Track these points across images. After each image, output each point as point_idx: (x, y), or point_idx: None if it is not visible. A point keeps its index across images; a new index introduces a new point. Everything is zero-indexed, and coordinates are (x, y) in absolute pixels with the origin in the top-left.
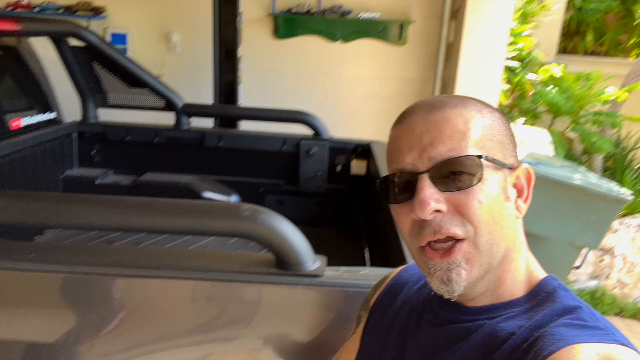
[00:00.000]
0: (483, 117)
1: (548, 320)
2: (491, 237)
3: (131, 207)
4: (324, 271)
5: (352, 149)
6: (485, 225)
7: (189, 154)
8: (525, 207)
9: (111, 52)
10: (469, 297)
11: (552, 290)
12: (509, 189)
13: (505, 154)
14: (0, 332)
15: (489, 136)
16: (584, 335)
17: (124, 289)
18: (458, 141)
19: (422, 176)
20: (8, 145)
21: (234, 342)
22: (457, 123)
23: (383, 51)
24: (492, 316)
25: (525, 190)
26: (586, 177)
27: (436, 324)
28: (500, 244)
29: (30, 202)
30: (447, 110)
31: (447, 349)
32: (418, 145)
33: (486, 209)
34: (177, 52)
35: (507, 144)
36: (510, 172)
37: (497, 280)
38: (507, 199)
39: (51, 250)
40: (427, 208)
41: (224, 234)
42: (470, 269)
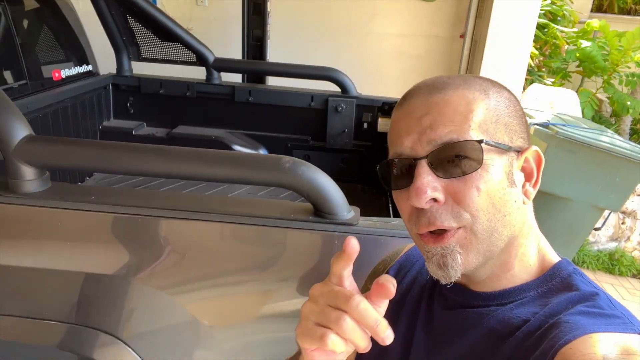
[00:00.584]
0: (488, 98)
1: (563, 307)
2: (491, 224)
3: (183, 157)
4: (358, 220)
5: (379, 106)
6: (484, 214)
7: (219, 108)
8: (534, 192)
9: (145, 6)
10: (474, 280)
11: (567, 276)
12: (514, 174)
13: (512, 137)
14: (68, 264)
15: (494, 118)
16: (601, 324)
17: (176, 230)
18: (459, 124)
19: (420, 162)
20: (52, 95)
21: (272, 283)
22: (458, 105)
23: (412, 7)
24: (504, 302)
25: (534, 173)
26: (613, 140)
27: (447, 307)
28: (502, 232)
29: (102, 149)
30: (449, 91)
31: (458, 334)
32: (417, 128)
33: (485, 196)
34: (205, 6)
35: (515, 125)
36: (518, 155)
37: (502, 265)
38: (511, 184)
39: (107, 194)
40: (422, 197)
41: (266, 184)
42: (466, 254)
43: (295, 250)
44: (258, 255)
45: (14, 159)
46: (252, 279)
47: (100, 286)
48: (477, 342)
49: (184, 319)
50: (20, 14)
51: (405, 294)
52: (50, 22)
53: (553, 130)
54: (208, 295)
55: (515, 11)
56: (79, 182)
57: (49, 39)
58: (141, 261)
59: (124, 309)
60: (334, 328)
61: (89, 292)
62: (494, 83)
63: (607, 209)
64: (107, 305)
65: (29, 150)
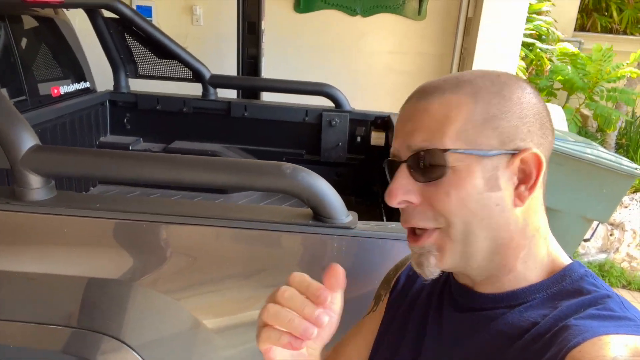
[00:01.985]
0: (475, 101)
1: (573, 310)
2: (466, 227)
3: (186, 164)
4: (356, 224)
5: (372, 120)
6: (457, 218)
7: (215, 124)
8: (528, 195)
9: (142, 24)
10: (476, 281)
11: (578, 278)
12: (500, 178)
13: (504, 140)
14: (73, 269)
15: (478, 122)
16: (612, 326)
17: (179, 235)
18: (433, 132)
19: (402, 165)
20: (51, 111)
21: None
22: (437, 112)
23: (402, 26)
24: (513, 304)
25: (533, 176)
26: (599, 152)
27: (456, 310)
28: (479, 234)
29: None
30: (435, 97)
31: (467, 336)
32: (402, 133)
33: (456, 200)
34: (200, 25)
35: (511, 127)
36: (512, 157)
37: (500, 267)
38: (491, 188)
39: (111, 201)
40: (393, 199)
41: (268, 190)
42: (442, 256)
43: (296, 254)
44: (260, 259)
45: (21, 167)
46: (254, 282)
47: (105, 291)
48: (486, 344)
49: (187, 322)
50: (20, 32)
51: (415, 298)
52: (49, 40)
53: None
54: (211, 299)
55: (501, 29)
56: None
57: (48, 56)
58: (145, 266)
59: (128, 312)
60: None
61: (94, 296)
62: (496, 81)
63: (596, 220)
64: (111, 309)
65: (36, 159)
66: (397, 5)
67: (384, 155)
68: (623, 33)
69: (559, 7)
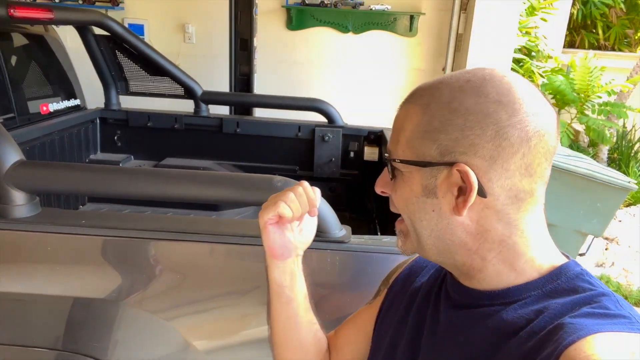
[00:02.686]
0: (424, 112)
1: (569, 308)
2: (412, 223)
3: (174, 178)
4: (350, 238)
5: (365, 135)
6: (404, 212)
7: (207, 140)
8: (463, 206)
9: (134, 41)
10: (457, 276)
11: (573, 276)
12: (438, 187)
13: (443, 151)
14: (57, 288)
15: (421, 134)
16: (606, 324)
17: (168, 251)
18: (393, 140)
19: (389, 162)
20: (40, 128)
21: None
22: (397, 121)
23: (393, 43)
24: (508, 301)
25: (466, 190)
26: (592, 166)
27: (453, 307)
28: (423, 232)
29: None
30: (405, 105)
31: (463, 333)
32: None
33: (400, 199)
34: (192, 43)
35: (448, 140)
36: (448, 168)
37: (467, 265)
38: (428, 195)
39: (97, 217)
40: (376, 188)
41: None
42: (404, 241)
43: None
44: (251, 276)
45: (4, 183)
46: (246, 300)
47: (90, 311)
48: (481, 340)
49: (176, 343)
50: (10, 49)
51: (414, 297)
52: (39, 57)
53: None
54: (201, 319)
55: (492, 45)
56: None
57: (38, 74)
58: (132, 284)
59: (115, 334)
60: (282, 198)
61: (79, 317)
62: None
63: (590, 234)
64: (97, 331)
65: (20, 174)
66: (388, 23)
67: (378, 171)
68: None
69: (548, 25)
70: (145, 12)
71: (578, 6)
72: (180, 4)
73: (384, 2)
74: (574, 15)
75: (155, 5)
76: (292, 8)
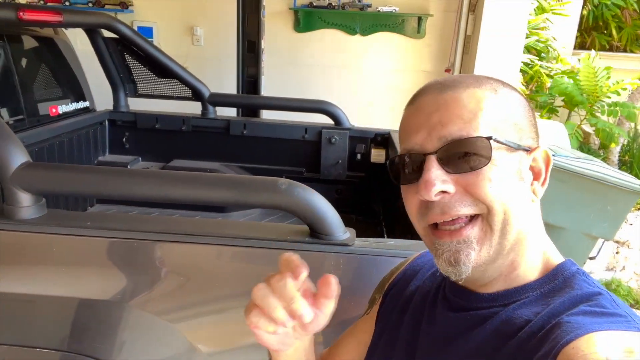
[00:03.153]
0: (498, 97)
1: (566, 307)
2: (505, 216)
3: (180, 180)
4: (354, 241)
5: (371, 137)
6: (499, 204)
7: (214, 142)
8: (542, 191)
9: (142, 44)
10: (481, 282)
11: (570, 276)
12: (523, 171)
13: (522, 136)
14: (63, 290)
15: (503, 117)
16: (603, 322)
17: (172, 253)
18: (468, 121)
19: (429, 157)
20: (49, 130)
21: None
22: (468, 102)
23: (401, 44)
24: (507, 303)
25: (542, 173)
26: (602, 169)
27: (450, 310)
28: (514, 225)
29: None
30: (459, 89)
31: (462, 336)
32: (427, 124)
33: (498, 187)
34: (201, 45)
35: (524, 125)
36: (527, 154)
37: (510, 264)
38: (521, 180)
39: (103, 219)
40: (432, 189)
41: (263, 206)
42: (480, 249)
43: None
44: (255, 277)
45: (10, 185)
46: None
47: (95, 312)
48: (480, 343)
49: (180, 346)
50: (20, 52)
51: (408, 301)
52: (49, 60)
53: None
54: (205, 321)
55: (500, 46)
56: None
57: (47, 76)
58: (137, 286)
59: (119, 335)
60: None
61: (83, 318)
62: (505, 83)
63: (601, 238)
64: (101, 332)
65: (26, 176)
66: (396, 24)
67: (385, 173)
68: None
69: (559, 27)
70: (154, 14)
71: (589, 7)
72: (189, 7)
73: (392, 3)
74: (585, 17)
75: (164, 8)
76: (299, 10)
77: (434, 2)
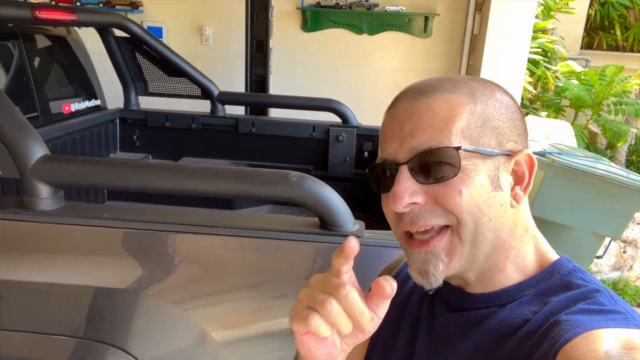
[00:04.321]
0: (474, 102)
1: (564, 305)
2: (477, 227)
3: (193, 172)
4: (364, 233)
5: (379, 135)
6: (469, 216)
7: (223, 140)
8: (524, 196)
9: (153, 43)
10: (466, 281)
11: (567, 273)
12: (501, 178)
13: (501, 140)
14: (80, 279)
15: (479, 122)
16: (602, 320)
17: (186, 244)
18: (439, 130)
19: (401, 167)
20: (62, 127)
21: (279, 295)
22: (440, 111)
23: (408, 43)
24: (503, 302)
25: (526, 177)
26: (609, 168)
27: (448, 310)
28: (487, 236)
29: None
30: (434, 96)
31: (460, 336)
32: (399, 134)
33: (469, 199)
34: (209, 45)
35: (505, 129)
36: (508, 158)
37: (492, 267)
38: (495, 188)
39: (119, 211)
40: (399, 202)
41: (274, 198)
42: (449, 261)
43: (303, 262)
44: (267, 268)
45: (30, 177)
46: (261, 293)
47: (111, 300)
48: (478, 343)
49: (194, 334)
50: (33, 50)
51: (407, 299)
52: (62, 59)
53: (549, 159)
54: (218, 310)
55: (507, 46)
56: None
57: (60, 74)
58: (152, 275)
59: (134, 323)
60: (320, 310)
61: (100, 306)
62: (486, 84)
63: (608, 236)
64: (117, 320)
65: (45, 168)
66: (403, 24)
67: None
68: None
69: (566, 26)
70: (163, 15)
71: (596, 7)
72: (198, 7)
73: (399, 3)
74: (592, 16)
75: (174, 9)
76: (307, 10)
77: (440, 2)
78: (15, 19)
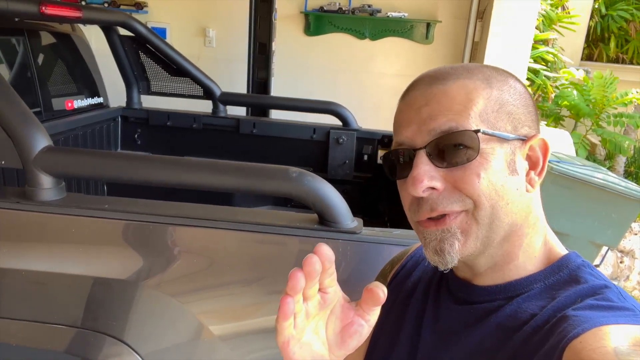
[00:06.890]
0: (490, 87)
1: (572, 300)
2: (493, 211)
3: (194, 166)
4: (362, 229)
5: (378, 139)
6: (486, 199)
7: (224, 140)
8: (538, 180)
9: (157, 42)
10: (477, 272)
11: (575, 268)
12: (517, 163)
13: (516, 125)
14: (80, 269)
15: (495, 107)
16: (611, 316)
17: (186, 237)
18: (457, 113)
19: (419, 152)
20: (64, 123)
21: (277, 290)
22: (457, 95)
23: (410, 49)
24: (511, 295)
25: (540, 162)
26: (607, 177)
27: (454, 303)
28: (504, 219)
29: None
30: (449, 82)
31: (466, 330)
32: (417, 119)
33: (487, 182)
34: (213, 47)
35: (520, 114)
36: (523, 143)
37: (505, 255)
38: (512, 172)
39: (120, 202)
40: (419, 186)
41: (274, 194)
42: (465, 240)
43: (301, 258)
44: (265, 263)
45: (32, 167)
46: (259, 287)
47: (110, 291)
48: (485, 337)
49: (191, 326)
50: (38, 46)
51: (411, 293)
52: (65, 55)
53: (548, 167)
54: (216, 304)
55: (507, 54)
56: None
57: (64, 71)
58: (151, 267)
59: (132, 313)
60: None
61: (99, 296)
62: (499, 71)
63: (605, 245)
64: (115, 310)
65: (48, 159)
66: (405, 30)
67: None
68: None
69: (566, 38)
70: (168, 16)
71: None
72: (202, 9)
73: (401, 9)
74: (592, 28)
75: (178, 10)
76: (310, 14)
77: (442, 9)
78: (22, 13)
